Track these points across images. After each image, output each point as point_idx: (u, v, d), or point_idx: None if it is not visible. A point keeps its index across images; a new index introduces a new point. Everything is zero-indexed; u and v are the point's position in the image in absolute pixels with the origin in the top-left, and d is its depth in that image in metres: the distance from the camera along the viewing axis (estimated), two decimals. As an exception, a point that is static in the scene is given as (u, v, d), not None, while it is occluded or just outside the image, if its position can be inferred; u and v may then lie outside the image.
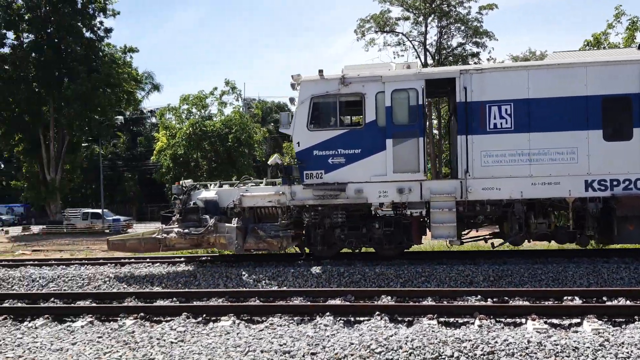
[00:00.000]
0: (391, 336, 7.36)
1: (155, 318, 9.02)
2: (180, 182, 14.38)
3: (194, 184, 14.54)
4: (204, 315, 8.86)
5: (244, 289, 11.14)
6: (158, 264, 14.11)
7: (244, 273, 12.48)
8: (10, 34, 39.80)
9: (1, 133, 40.68)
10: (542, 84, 12.41)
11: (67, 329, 8.54)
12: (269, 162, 14.55)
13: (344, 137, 13.12)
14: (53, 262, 15.27)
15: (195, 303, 9.82)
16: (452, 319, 8.43)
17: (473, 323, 8.15)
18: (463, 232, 13.51)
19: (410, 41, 42.49)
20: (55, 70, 39.31)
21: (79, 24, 40.18)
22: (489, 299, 9.42)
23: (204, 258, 15.06)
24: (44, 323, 8.95)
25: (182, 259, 14.77)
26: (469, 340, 7.00)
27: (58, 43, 39.84)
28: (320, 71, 13.29)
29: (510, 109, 12.47)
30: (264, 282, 12.10)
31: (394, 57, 42.29)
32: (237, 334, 7.87)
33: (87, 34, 41.14)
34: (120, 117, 48.19)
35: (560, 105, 12.33)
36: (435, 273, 11.87)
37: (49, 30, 39.94)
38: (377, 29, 42.24)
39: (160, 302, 9.95)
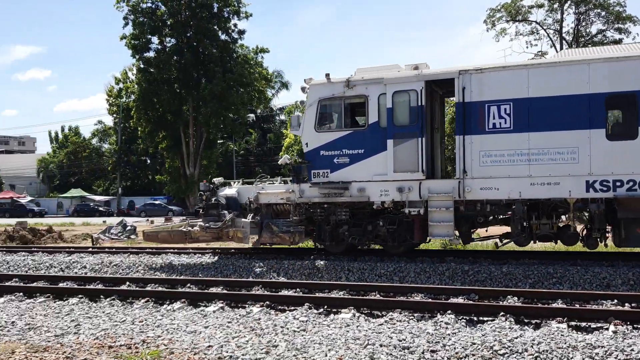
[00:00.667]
0: (516, 338, 7.08)
1: (279, 307, 9.39)
2: (213, 179, 15.52)
3: (222, 182, 15.54)
4: (325, 307, 9.07)
5: (365, 283, 11.25)
6: (283, 255, 14.65)
7: (365, 267, 12.59)
8: (155, 39, 43.18)
9: (147, 131, 44.30)
10: (542, 83, 12.13)
11: (200, 313, 9.15)
12: (279, 162, 15.38)
13: (348, 138, 13.64)
14: (190, 250, 16.39)
15: (317, 294, 10.09)
16: (583, 324, 7.92)
17: (607, 329, 7.59)
18: (468, 231, 13.51)
19: (545, 30, 40.34)
20: (194, 71, 42.00)
21: (215, 27, 42.62)
22: (626, 304, 8.73)
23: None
24: (181, 307, 9.63)
25: (311, 251, 15.23)
26: (602, 347, 6.55)
27: (196, 46, 42.53)
28: (327, 75, 13.93)
29: (509, 109, 12.32)
30: (385, 277, 12.13)
31: (527, 47, 40.47)
32: (357, 326, 7.98)
33: (222, 37, 43.51)
34: (252, 115, 50.53)
35: (561, 104, 11.99)
36: (568, 274, 11.22)
37: (188, 35, 42.76)
38: (509, 18, 40.51)
39: (284, 292, 10.33)
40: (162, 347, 7.27)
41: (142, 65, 43.06)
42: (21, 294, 10.95)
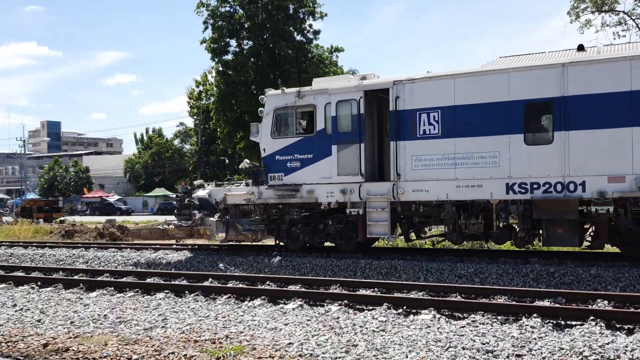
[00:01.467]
0: (607, 344, 6.75)
1: (357, 306, 9.38)
2: (193, 182, 16.76)
3: (199, 184, 17.04)
4: (405, 307, 8.98)
5: (445, 284, 11.06)
6: (360, 254, 14.65)
7: (444, 268, 12.38)
8: (233, 42, 44.23)
9: (226, 132, 45.48)
10: (467, 92, 12.83)
11: (280, 310, 9.29)
12: (239, 167, 16.76)
13: (299, 144, 14.82)
14: (267, 248, 16.69)
15: (396, 294, 10.00)
16: (683, 331, 7.43)
17: None
18: (408, 231, 14.41)
19: (634, 20, 38.03)
20: (270, 73, 42.68)
21: (291, 28, 43.14)
22: None
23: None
24: (261, 303, 9.82)
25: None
26: None
27: (273, 48, 43.20)
28: (282, 87, 15.54)
29: (438, 116, 13.08)
30: (465, 278, 11.87)
31: (614, 39, 38.20)
32: (438, 328, 7.84)
33: (298, 37, 43.98)
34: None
35: (483, 112, 12.65)
36: (663, 278, 10.58)
37: (265, 37, 43.51)
38: (594, 8, 38.48)
39: (362, 291, 10.31)
40: (244, 342, 7.43)
41: (220, 68, 44.20)
42: (112, 288, 11.55)
